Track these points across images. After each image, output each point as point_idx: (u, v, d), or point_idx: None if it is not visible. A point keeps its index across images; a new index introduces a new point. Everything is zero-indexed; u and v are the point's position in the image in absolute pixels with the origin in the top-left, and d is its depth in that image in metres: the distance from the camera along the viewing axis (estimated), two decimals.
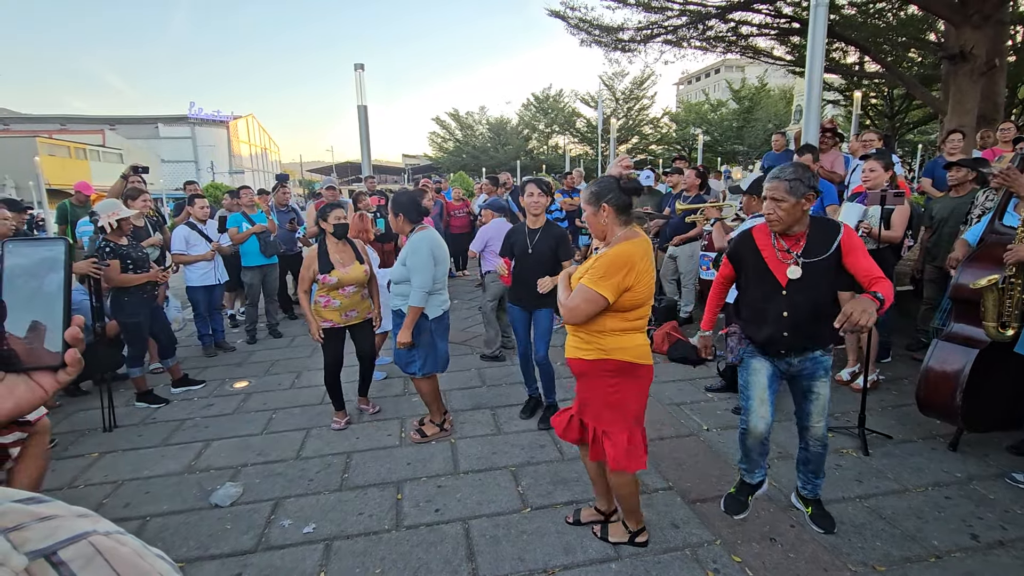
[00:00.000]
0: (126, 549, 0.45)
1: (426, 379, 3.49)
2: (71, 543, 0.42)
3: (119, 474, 3.28)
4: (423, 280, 3.26)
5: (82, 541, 0.42)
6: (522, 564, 2.37)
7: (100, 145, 34.62)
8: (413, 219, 3.39)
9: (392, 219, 3.44)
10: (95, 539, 0.43)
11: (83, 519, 0.46)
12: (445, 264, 3.48)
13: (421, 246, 3.29)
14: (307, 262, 3.63)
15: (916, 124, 18.97)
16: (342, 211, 3.71)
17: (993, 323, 2.82)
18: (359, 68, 8.51)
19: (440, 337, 3.50)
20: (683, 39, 10.91)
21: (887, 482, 2.91)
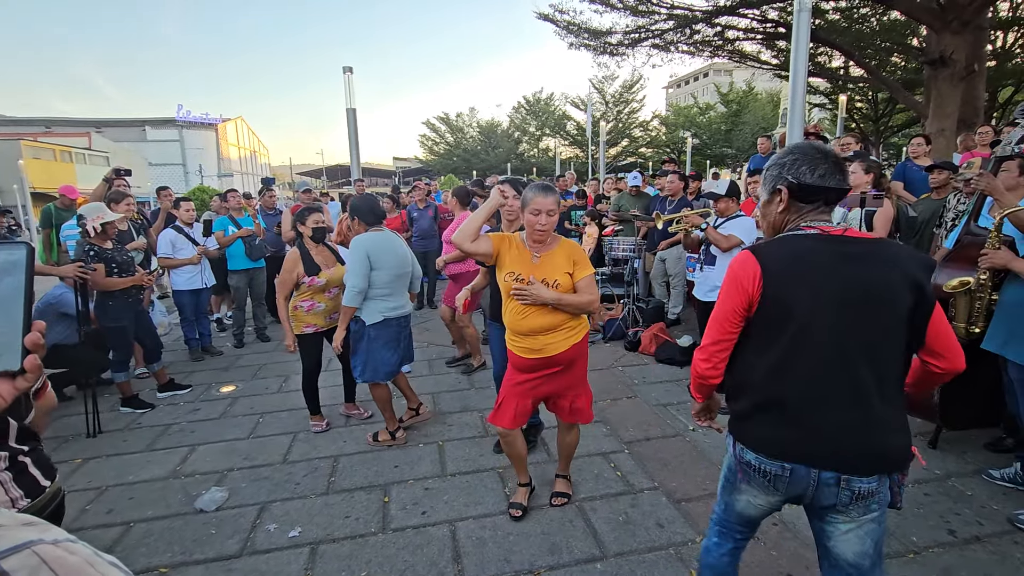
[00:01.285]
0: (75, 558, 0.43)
1: (379, 386, 3.46)
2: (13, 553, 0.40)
3: (103, 480, 3.25)
4: (353, 281, 3.26)
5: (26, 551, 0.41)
6: (508, 565, 2.38)
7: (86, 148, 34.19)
8: (369, 222, 3.41)
9: (350, 222, 3.48)
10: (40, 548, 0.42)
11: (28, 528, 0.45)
12: (393, 269, 3.35)
13: (357, 248, 3.27)
14: (289, 265, 3.57)
15: (900, 127, 19.25)
16: (320, 215, 3.70)
17: (963, 324, 2.88)
18: (348, 71, 8.49)
19: (384, 345, 3.36)
20: (671, 43, 11.02)
21: None
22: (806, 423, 1.39)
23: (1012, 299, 2.67)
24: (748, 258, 1.44)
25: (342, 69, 8.52)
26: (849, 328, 1.36)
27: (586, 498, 2.86)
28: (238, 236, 5.62)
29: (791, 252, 1.42)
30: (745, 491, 1.56)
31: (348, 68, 8.51)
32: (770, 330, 1.42)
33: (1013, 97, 13.86)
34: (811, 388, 1.38)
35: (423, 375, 4.83)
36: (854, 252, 1.38)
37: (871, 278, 1.36)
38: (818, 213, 1.47)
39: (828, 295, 1.36)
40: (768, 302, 1.41)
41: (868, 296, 1.35)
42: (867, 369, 1.36)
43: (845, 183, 1.45)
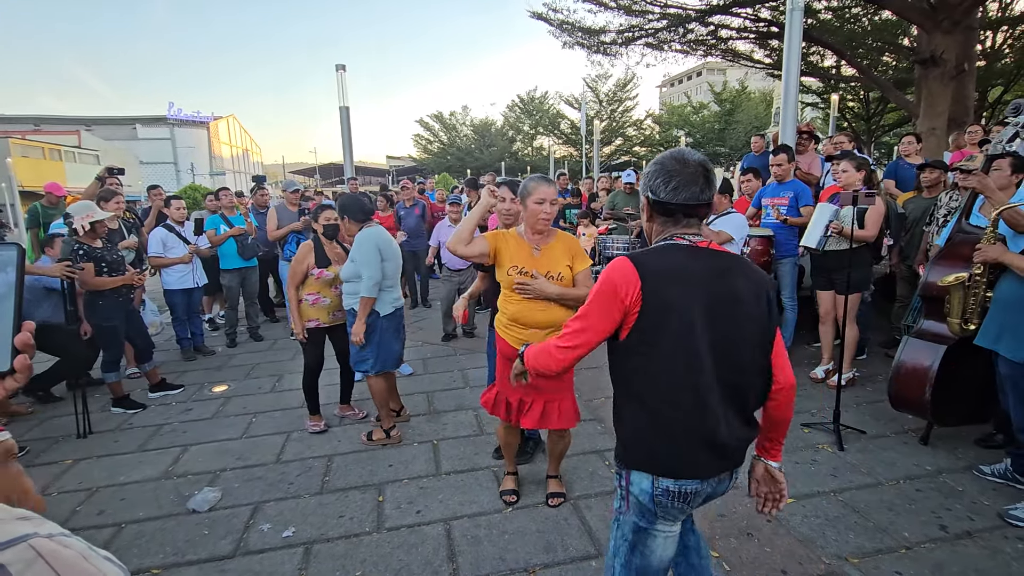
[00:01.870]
0: (69, 552, 0.44)
1: (377, 378, 3.49)
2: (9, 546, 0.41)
3: (94, 481, 3.22)
4: (370, 272, 3.29)
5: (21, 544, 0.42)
6: (503, 564, 2.38)
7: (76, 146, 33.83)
8: (359, 219, 3.46)
9: (341, 223, 3.55)
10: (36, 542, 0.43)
11: (24, 522, 0.45)
12: (395, 262, 3.48)
13: (366, 241, 3.33)
14: (300, 255, 3.60)
15: (891, 126, 19.39)
16: (333, 212, 3.71)
17: (957, 320, 2.90)
18: (340, 69, 8.46)
19: (392, 335, 3.50)
20: (664, 42, 11.03)
21: (861, 476, 2.98)
22: (709, 436, 1.39)
23: (1005, 295, 2.69)
24: (628, 267, 1.38)
25: (335, 67, 8.50)
26: (726, 337, 1.39)
27: (581, 496, 2.87)
28: (230, 235, 5.58)
29: (668, 263, 1.40)
30: (661, 529, 1.48)
31: (341, 66, 8.49)
32: (650, 346, 1.38)
33: (1002, 97, 13.98)
34: (705, 398, 1.37)
35: (418, 374, 4.81)
36: (721, 266, 1.41)
37: (739, 290, 1.40)
38: (684, 226, 1.45)
39: (701, 307, 1.36)
40: (646, 316, 1.37)
41: (734, 306, 1.39)
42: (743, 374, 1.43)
43: (700, 198, 1.40)
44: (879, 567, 2.28)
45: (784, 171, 4.53)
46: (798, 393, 4.09)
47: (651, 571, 1.52)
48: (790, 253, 4.58)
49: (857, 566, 2.29)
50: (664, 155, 1.46)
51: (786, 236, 4.51)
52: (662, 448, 1.42)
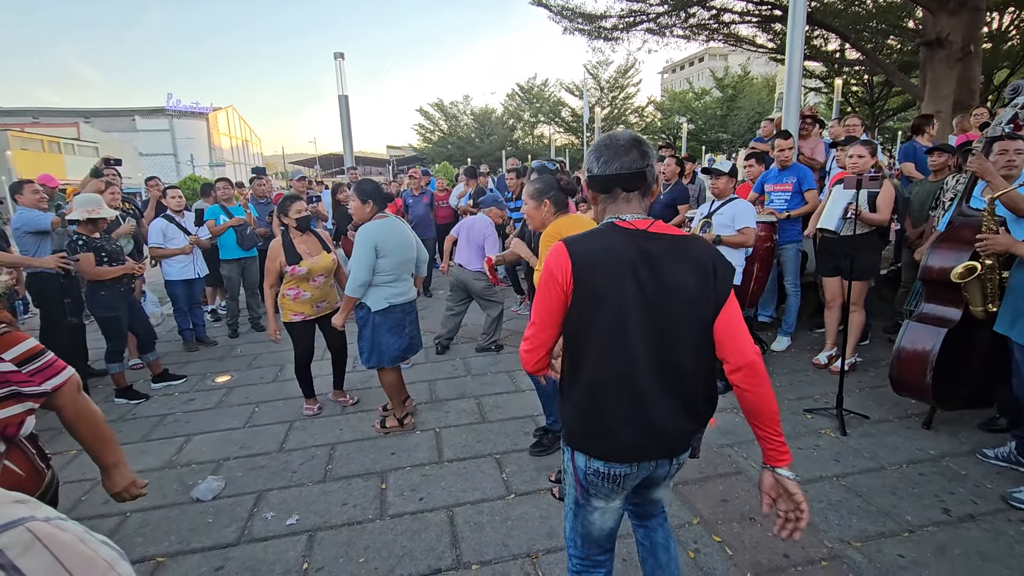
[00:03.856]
0: (67, 535, 0.44)
1: (386, 371, 3.46)
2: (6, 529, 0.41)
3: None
4: (355, 274, 3.23)
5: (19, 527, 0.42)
6: (506, 550, 2.39)
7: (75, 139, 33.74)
8: (380, 205, 3.36)
9: (357, 206, 3.38)
10: (32, 525, 0.43)
11: (20, 505, 0.45)
12: (398, 256, 3.33)
13: (364, 238, 3.23)
14: (272, 254, 3.56)
15: (896, 111, 19.22)
16: (302, 203, 3.67)
17: (980, 307, 2.89)
18: (339, 57, 8.38)
19: (388, 331, 3.36)
20: (665, 27, 10.90)
21: (863, 460, 2.97)
22: (639, 421, 1.37)
23: (1018, 283, 2.66)
24: (560, 251, 1.38)
25: (333, 55, 8.41)
26: (660, 321, 1.34)
27: None
28: (229, 225, 5.56)
29: (599, 246, 1.37)
30: (597, 505, 1.51)
31: (340, 54, 8.41)
32: (586, 327, 1.38)
33: (1008, 79, 13.82)
34: (635, 384, 1.36)
35: (420, 363, 4.81)
36: (655, 250, 1.35)
37: (673, 276, 1.34)
38: (623, 203, 1.41)
39: (631, 291, 1.33)
40: (579, 298, 1.36)
41: (664, 291, 1.33)
42: (678, 359, 1.37)
43: (632, 166, 1.37)
44: (882, 550, 2.29)
45: (787, 156, 4.49)
46: (800, 379, 4.11)
47: (592, 537, 1.58)
48: (793, 239, 4.55)
49: (860, 550, 2.29)
50: (598, 139, 1.46)
51: (789, 221, 4.48)
52: (592, 431, 1.42)
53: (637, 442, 1.40)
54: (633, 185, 1.40)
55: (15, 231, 4.36)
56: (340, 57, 8.42)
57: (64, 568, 0.41)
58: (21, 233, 4.29)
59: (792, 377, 4.13)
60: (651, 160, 1.40)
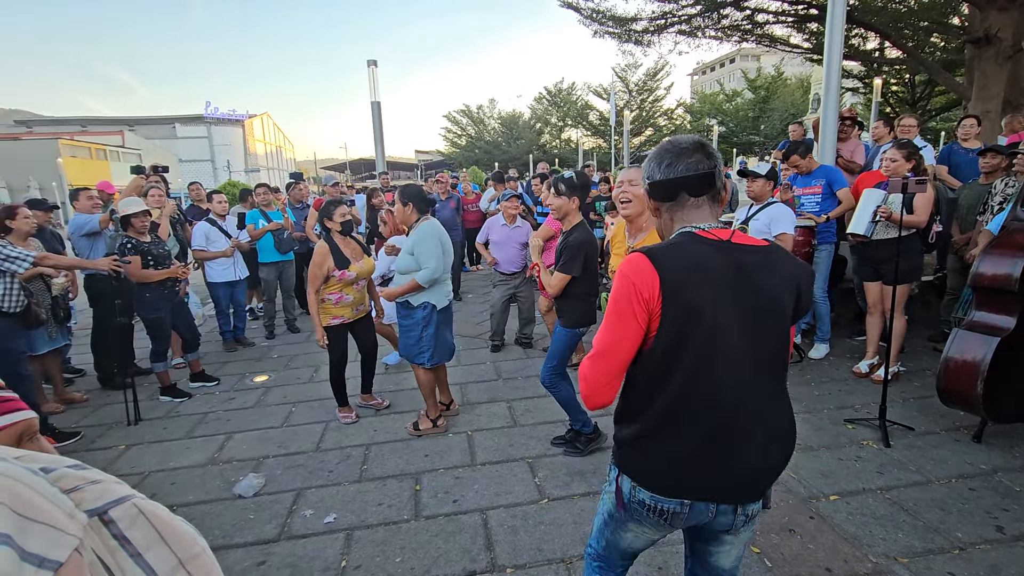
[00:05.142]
0: (162, 511, 0.50)
1: (427, 370, 3.52)
2: (118, 504, 0.46)
3: (145, 466, 3.37)
4: (435, 264, 3.33)
5: (127, 502, 0.47)
6: (540, 554, 2.39)
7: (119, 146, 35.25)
8: (422, 209, 3.46)
9: (400, 209, 3.47)
10: (137, 501, 0.48)
11: (121, 485, 0.50)
12: (450, 256, 3.53)
13: (429, 236, 3.35)
14: (319, 259, 3.55)
15: (939, 111, 18.49)
16: (346, 208, 3.74)
17: None
18: (372, 65, 8.54)
19: (446, 327, 3.57)
20: (697, 29, 10.74)
21: (909, 473, 2.88)
22: (708, 456, 1.24)
23: None
24: (643, 264, 1.22)
25: (367, 63, 8.58)
26: (756, 343, 1.22)
27: None
28: (267, 230, 5.72)
29: (689, 258, 1.22)
30: (632, 528, 1.40)
31: (372, 62, 8.57)
32: (672, 350, 1.22)
33: None
34: (726, 414, 1.23)
35: (450, 366, 4.82)
36: (750, 261, 1.23)
37: (768, 287, 1.23)
38: (693, 209, 1.29)
39: (730, 309, 1.20)
40: (669, 317, 1.20)
41: (764, 308, 1.22)
42: (770, 387, 1.27)
43: (699, 167, 1.26)
44: (930, 567, 2.21)
45: (805, 166, 4.43)
46: (840, 388, 4.01)
47: (617, 550, 1.49)
48: (827, 240, 4.44)
49: (907, 566, 2.22)
50: (657, 145, 1.38)
51: (824, 224, 4.38)
52: (651, 461, 1.29)
53: (704, 479, 1.25)
54: (701, 189, 1.27)
55: (71, 235, 4.59)
56: (373, 65, 8.58)
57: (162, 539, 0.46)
58: (76, 237, 4.52)
59: (831, 386, 4.02)
60: (718, 162, 1.28)
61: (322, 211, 3.73)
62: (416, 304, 3.45)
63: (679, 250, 1.24)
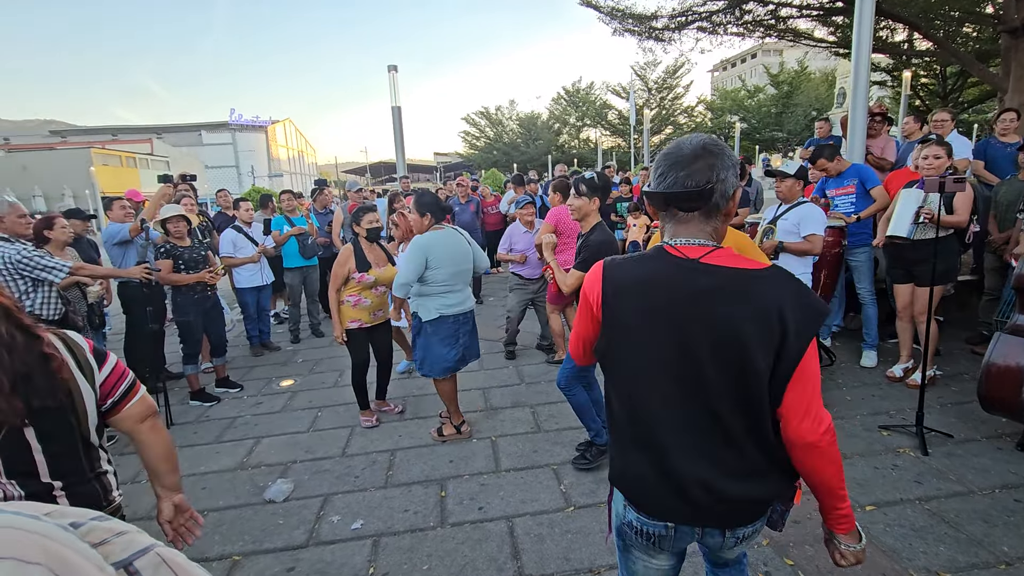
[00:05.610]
0: (182, 559, 0.52)
1: (441, 380, 3.51)
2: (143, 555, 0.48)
3: (186, 467, 3.43)
4: (402, 272, 3.33)
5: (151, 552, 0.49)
6: (567, 564, 2.37)
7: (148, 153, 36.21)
8: (437, 217, 3.44)
9: (415, 218, 3.47)
10: (160, 550, 0.50)
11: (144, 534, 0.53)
12: (451, 267, 3.35)
13: (417, 249, 3.30)
14: (342, 259, 3.66)
15: (972, 103, 17.92)
16: (375, 215, 3.77)
17: None
18: (393, 70, 8.61)
19: (440, 341, 3.39)
20: (719, 25, 10.59)
21: (949, 483, 2.77)
22: (666, 478, 1.20)
23: None
24: (597, 272, 1.26)
25: (387, 68, 8.66)
26: (697, 376, 1.14)
27: None
28: (291, 235, 5.81)
29: (638, 273, 1.20)
30: (637, 556, 1.35)
31: (393, 67, 8.64)
32: (616, 362, 1.24)
33: None
34: (661, 437, 1.19)
35: (473, 370, 4.85)
36: (705, 283, 1.13)
37: (716, 315, 1.11)
38: (680, 224, 1.20)
39: (664, 331, 1.15)
40: (607, 328, 1.22)
41: (707, 336, 1.12)
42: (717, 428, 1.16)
43: (685, 183, 1.14)
44: None
45: (834, 168, 4.31)
46: (873, 392, 3.89)
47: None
48: (864, 242, 4.31)
49: None
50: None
51: (859, 224, 4.25)
52: (628, 471, 1.27)
53: (666, 500, 1.22)
54: (691, 204, 1.17)
55: (104, 244, 4.73)
56: (393, 70, 8.66)
57: None
58: (109, 245, 4.65)
59: (864, 390, 3.91)
60: (720, 173, 1.13)
61: (352, 216, 3.82)
62: (412, 311, 3.51)
63: (636, 264, 1.23)
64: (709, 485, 1.17)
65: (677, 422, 1.18)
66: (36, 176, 29.52)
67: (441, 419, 3.75)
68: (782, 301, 1.09)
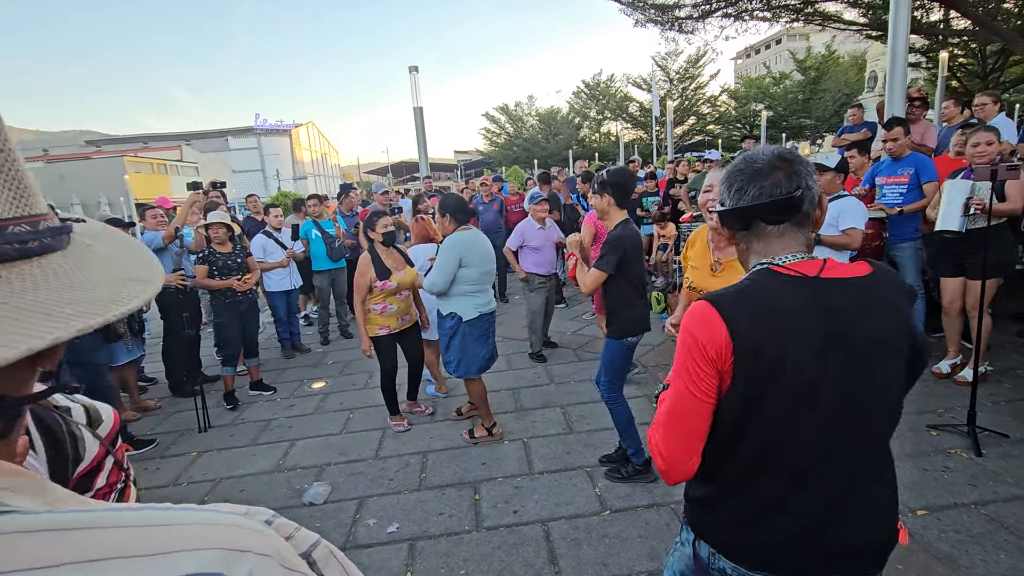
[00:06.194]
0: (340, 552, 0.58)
1: (473, 381, 3.52)
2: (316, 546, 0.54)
3: (216, 472, 3.51)
4: (437, 275, 3.34)
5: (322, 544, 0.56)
6: (605, 569, 2.33)
7: (178, 160, 37.15)
8: (460, 220, 3.44)
9: (440, 219, 3.48)
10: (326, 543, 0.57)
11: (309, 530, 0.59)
12: (482, 267, 3.41)
13: (450, 248, 3.33)
14: (362, 269, 3.62)
15: (1014, 83, 17.12)
16: (388, 219, 3.77)
17: None
18: (414, 71, 8.63)
19: (475, 340, 3.43)
20: (744, 11, 10.33)
21: (1007, 487, 2.64)
22: (798, 522, 1.07)
23: None
24: (708, 315, 1.05)
25: (408, 68, 8.68)
26: (849, 399, 1.03)
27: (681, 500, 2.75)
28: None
29: (762, 304, 1.04)
30: None
31: (414, 67, 8.65)
32: (750, 414, 1.06)
33: None
34: (817, 480, 1.06)
35: (502, 370, 4.84)
36: (839, 301, 1.03)
37: (865, 330, 1.02)
38: (773, 239, 1.09)
39: (818, 362, 1.01)
40: (743, 377, 1.04)
41: (862, 356, 1.02)
42: (871, 456, 1.08)
43: (774, 192, 1.05)
44: None
45: (899, 147, 4.07)
46: (919, 389, 3.74)
47: None
48: (909, 237, 4.11)
49: None
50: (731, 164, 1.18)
51: (903, 217, 4.06)
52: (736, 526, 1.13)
53: (786, 545, 1.09)
54: (779, 216, 1.07)
55: None
56: (415, 71, 8.67)
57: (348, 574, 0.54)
58: None
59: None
60: (805, 180, 1.05)
61: (366, 222, 3.81)
62: (444, 314, 3.49)
63: (752, 293, 1.06)
64: (867, 526, 1.07)
65: (838, 461, 1.05)
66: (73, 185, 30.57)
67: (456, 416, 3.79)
68: (903, 305, 1.06)
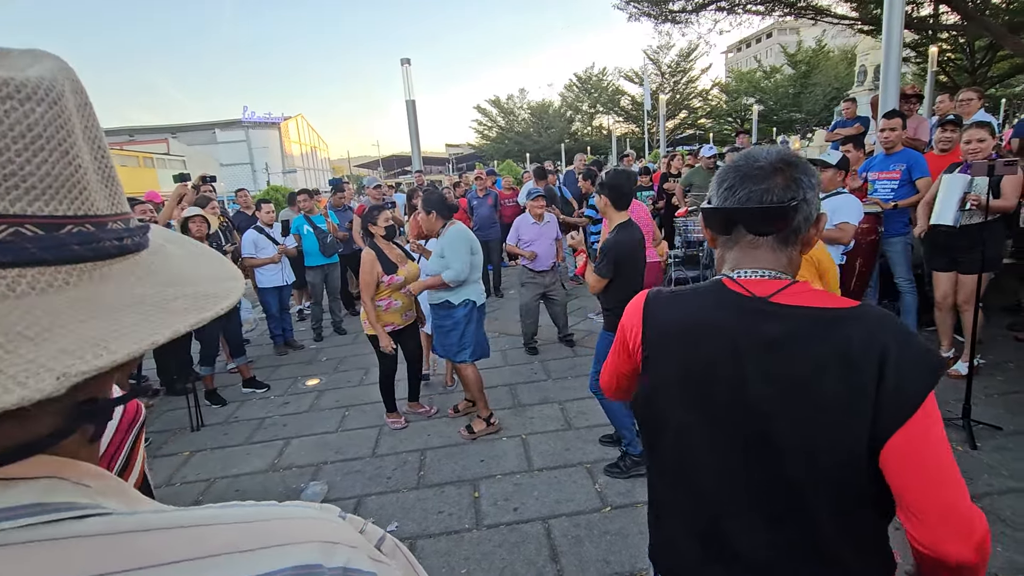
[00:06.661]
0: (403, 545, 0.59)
1: (471, 367, 3.58)
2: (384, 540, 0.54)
3: (210, 472, 3.46)
4: (461, 266, 3.40)
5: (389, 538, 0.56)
6: (608, 567, 2.33)
7: (165, 153, 36.60)
8: (445, 216, 3.50)
9: (424, 217, 3.50)
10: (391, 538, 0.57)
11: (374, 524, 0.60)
12: (480, 256, 3.63)
13: (458, 238, 3.43)
14: (367, 267, 3.52)
15: (1001, 77, 17.30)
16: (390, 212, 3.73)
17: None
18: (406, 63, 8.53)
19: (480, 325, 3.66)
20: (737, 4, 10.33)
21: (1002, 479, 2.67)
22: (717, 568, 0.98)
23: None
24: (637, 306, 1.04)
25: (400, 61, 8.58)
26: (757, 440, 0.90)
27: None
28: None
29: (689, 313, 0.98)
30: None
31: (406, 60, 8.56)
32: (652, 419, 1.02)
33: None
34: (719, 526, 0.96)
35: (498, 366, 4.82)
36: (773, 330, 0.89)
37: (790, 369, 0.87)
38: (747, 250, 0.98)
39: (724, 391, 0.92)
40: (648, 377, 1.00)
41: (781, 396, 0.87)
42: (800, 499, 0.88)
43: (764, 198, 0.92)
44: None
45: (896, 138, 4.09)
46: None
47: None
48: (899, 232, 4.15)
49: None
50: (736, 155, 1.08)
51: (896, 212, 4.10)
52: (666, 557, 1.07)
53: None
54: (764, 226, 0.95)
55: None
56: (407, 63, 8.58)
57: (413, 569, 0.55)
58: None
59: None
60: (804, 192, 0.92)
61: (365, 217, 3.75)
62: (457, 303, 3.49)
63: (687, 301, 1.00)
64: None
65: (739, 509, 0.93)
66: None
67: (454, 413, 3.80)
68: (880, 348, 0.82)
